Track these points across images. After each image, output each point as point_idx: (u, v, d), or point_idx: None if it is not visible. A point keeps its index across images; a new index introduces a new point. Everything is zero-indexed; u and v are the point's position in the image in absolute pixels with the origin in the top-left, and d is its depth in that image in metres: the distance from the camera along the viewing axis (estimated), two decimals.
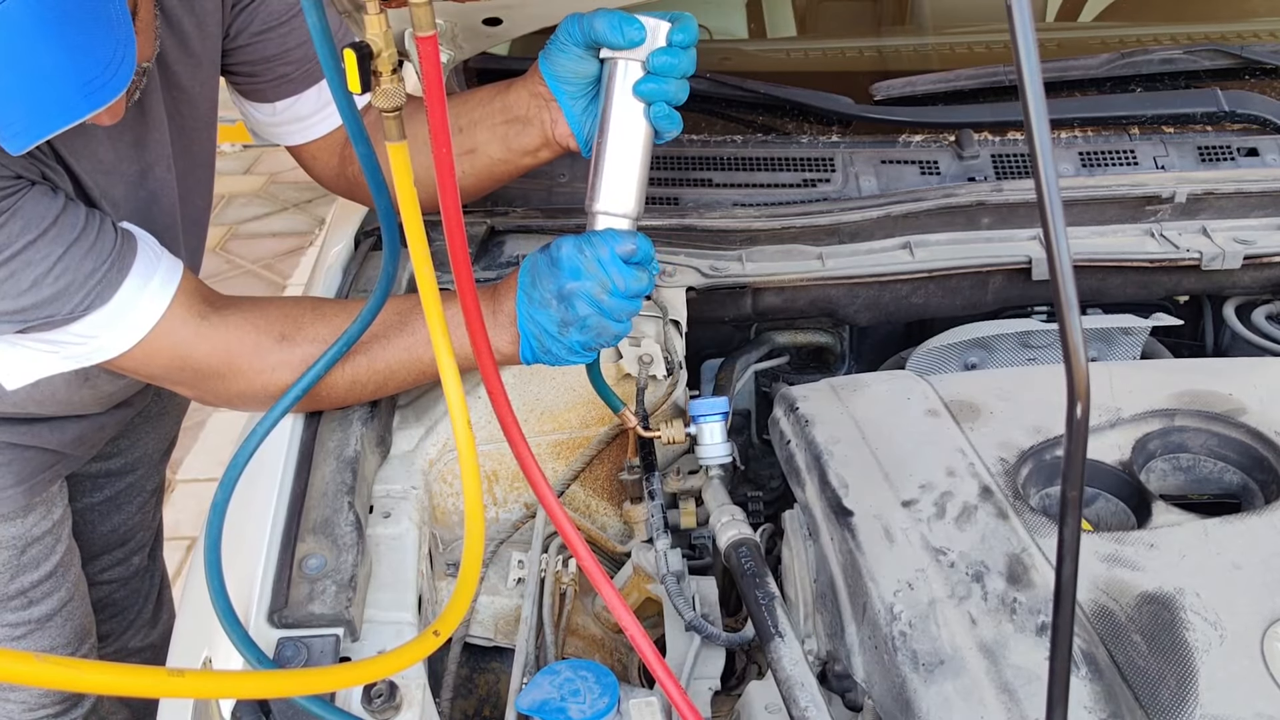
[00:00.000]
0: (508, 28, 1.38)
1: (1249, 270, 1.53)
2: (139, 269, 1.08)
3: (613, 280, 1.10)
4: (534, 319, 1.13)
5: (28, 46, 0.82)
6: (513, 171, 1.31)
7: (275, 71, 1.28)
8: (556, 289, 1.11)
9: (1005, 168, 1.64)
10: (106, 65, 0.88)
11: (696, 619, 1.12)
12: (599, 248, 1.10)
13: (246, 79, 1.31)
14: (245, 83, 1.32)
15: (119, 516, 1.71)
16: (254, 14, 1.25)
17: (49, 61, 0.84)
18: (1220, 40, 1.83)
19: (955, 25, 2.20)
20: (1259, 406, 1.16)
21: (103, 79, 0.88)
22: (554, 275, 1.11)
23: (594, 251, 1.10)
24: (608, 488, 1.48)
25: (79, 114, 0.88)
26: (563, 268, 1.10)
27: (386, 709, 0.93)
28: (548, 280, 1.11)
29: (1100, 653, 0.89)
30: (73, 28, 0.84)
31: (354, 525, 1.08)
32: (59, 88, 0.85)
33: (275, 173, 5.86)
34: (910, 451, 1.13)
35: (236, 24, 1.25)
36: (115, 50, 0.88)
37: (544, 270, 1.12)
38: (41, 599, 1.45)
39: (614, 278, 1.10)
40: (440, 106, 0.83)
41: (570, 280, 1.10)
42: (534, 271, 1.13)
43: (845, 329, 1.65)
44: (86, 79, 0.86)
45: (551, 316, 1.12)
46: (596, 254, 1.10)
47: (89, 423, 1.41)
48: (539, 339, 1.14)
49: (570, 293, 1.10)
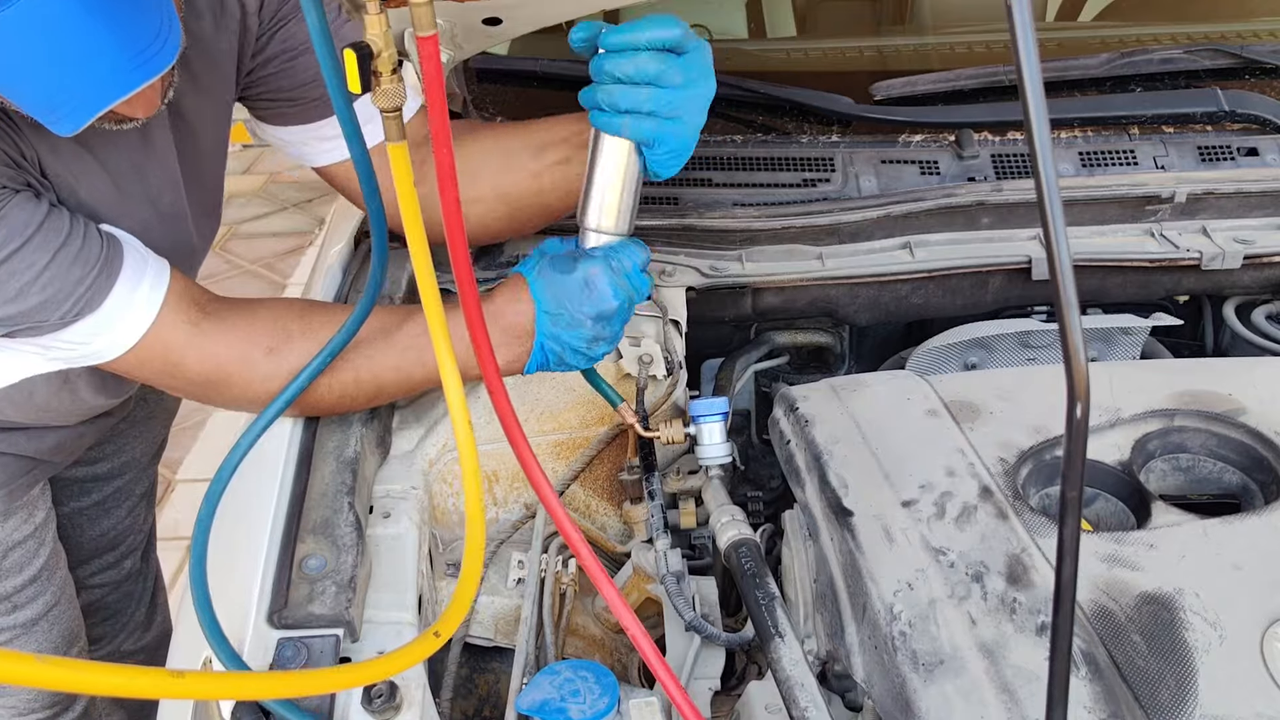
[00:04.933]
0: (508, 28, 1.38)
1: (1249, 270, 1.53)
2: (127, 274, 1.07)
3: (636, 292, 1.16)
4: (559, 339, 1.16)
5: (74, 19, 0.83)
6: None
7: (312, 94, 1.27)
8: (596, 311, 1.14)
9: (1005, 168, 1.64)
10: (155, 35, 0.89)
11: (696, 619, 1.12)
12: (625, 263, 1.15)
13: (282, 104, 1.29)
14: (278, 109, 1.30)
15: (108, 521, 1.70)
16: (286, 38, 1.24)
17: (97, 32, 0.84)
18: (1220, 40, 1.83)
19: (955, 25, 2.20)
20: (1259, 406, 1.16)
21: (152, 49, 0.89)
22: (590, 298, 1.14)
23: (623, 269, 1.15)
24: (608, 488, 1.48)
25: (130, 85, 0.88)
26: (603, 292, 1.13)
27: (387, 709, 0.93)
28: (583, 303, 1.14)
29: (1100, 653, 0.89)
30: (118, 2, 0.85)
31: (354, 526, 1.08)
32: (109, 59, 0.86)
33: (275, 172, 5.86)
34: (910, 451, 1.13)
35: (268, 51, 1.24)
36: (162, 21, 0.90)
37: (574, 292, 1.14)
38: (26, 603, 1.44)
39: (637, 289, 1.16)
40: (441, 106, 0.83)
41: (613, 301, 1.14)
42: (556, 291, 1.14)
43: (845, 329, 1.65)
44: (137, 49, 0.88)
45: (584, 335, 1.15)
46: (625, 270, 1.15)
47: (68, 431, 1.40)
48: (560, 356, 1.18)
49: (611, 313, 1.15)
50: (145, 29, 0.88)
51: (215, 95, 1.23)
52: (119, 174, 1.13)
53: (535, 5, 1.35)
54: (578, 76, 1.70)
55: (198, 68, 1.17)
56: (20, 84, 0.86)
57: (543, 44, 1.93)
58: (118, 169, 1.13)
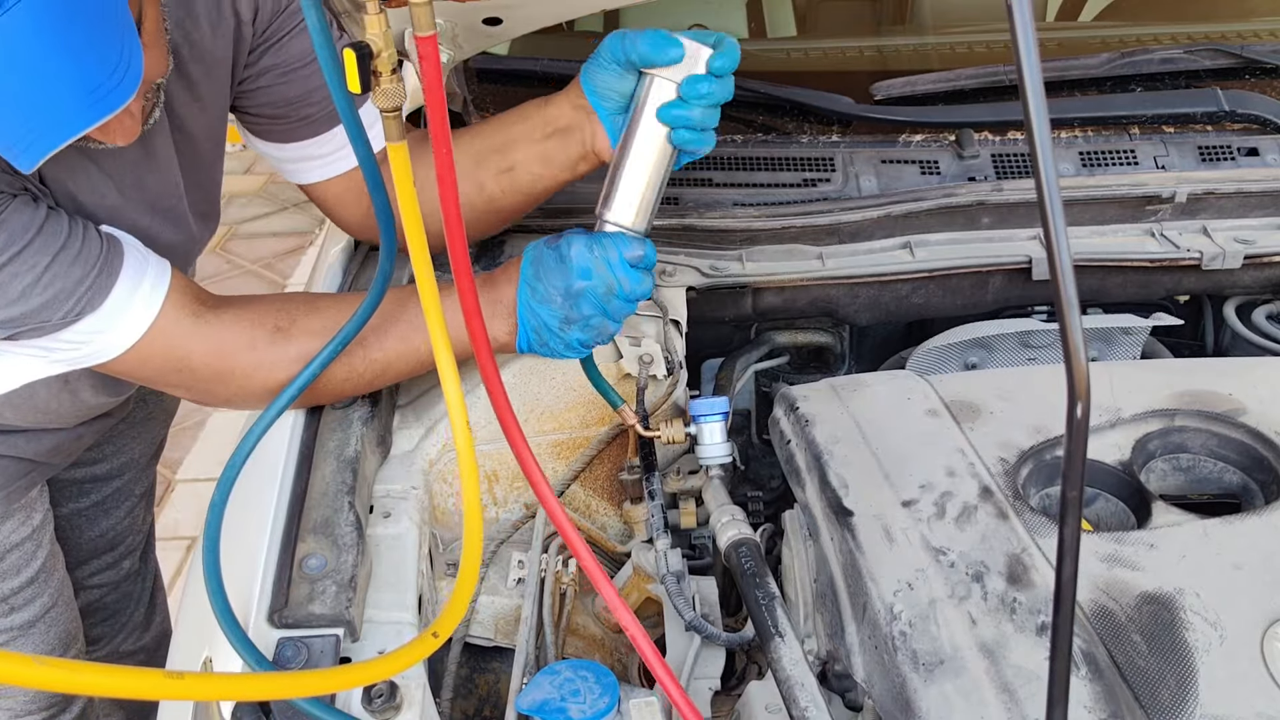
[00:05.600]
0: (508, 27, 1.38)
1: (1249, 270, 1.53)
2: (128, 272, 1.07)
3: (619, 283, 1.12)
4: (535, 313, 1.14)
5: (30, 56, 0.81)
6: (551, 187, 1.29)
7: (300, 113, 1.26)
8: (564, 286, 1.12)
9: (1005, 167, 1.64)
10: (112, 71, 0.86)
11: (696, 619, 1.12)
12: (609, 250, 1.12)
13: (267, 120, 1.29)
14: (264, 124, 1.29)
15: (107, 521, 1.70)
16: (279, 54, 1.23)
17: (52, 69, 0.82)
18: (1220, 40, 1.83)
19: (955, 25, 2.20)
20: (1259, 406, 1.16)
21: (108, 85, 0.86)
22: (562, 272, 1.12)
23: (604, 254, 1.11)
24: (608, 488, 1.48)
25: (86, 122, 0.86)
26: (572, 266, 1.11)
27: (387, 709, 0.93)
28: (555, 276, 1.12)
29: (1100, 653, 0.89)
30: (75, 34, 0.82)
31: (354, 525, 1.08)
32: (64, 96, 0.84)
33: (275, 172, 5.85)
34: (910, 451, 1.13)
35: (260, 64, 1.23)
36: (120, 56, 0.87)
37: (551, 265, 1.13)
38: (23, 605, 1.44)
39: (621, 281, 1.12)
40: (440, 107, 0.83)
41: (579, 279, 1.11)
42: (539, 264, 1.14)
43: (845, 329, 1.65)
44: (92, 85, 0.85)
45: (555, 313, 1.13)
46: (606, 256, 1.11)
47: (67, 434, 1.39)
48: (538, 332, 1.16)
49: (578, 292, 1.12)
50: (103, 65, 0.85)
51: (212, 101, 1.22)
52: (119, 181, 1.13)
53: (535, 5, 1.35)
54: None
55: (195, 74, 1.17)
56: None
57: (543, 44, 1.93)
58: (118, 177, 1.13)
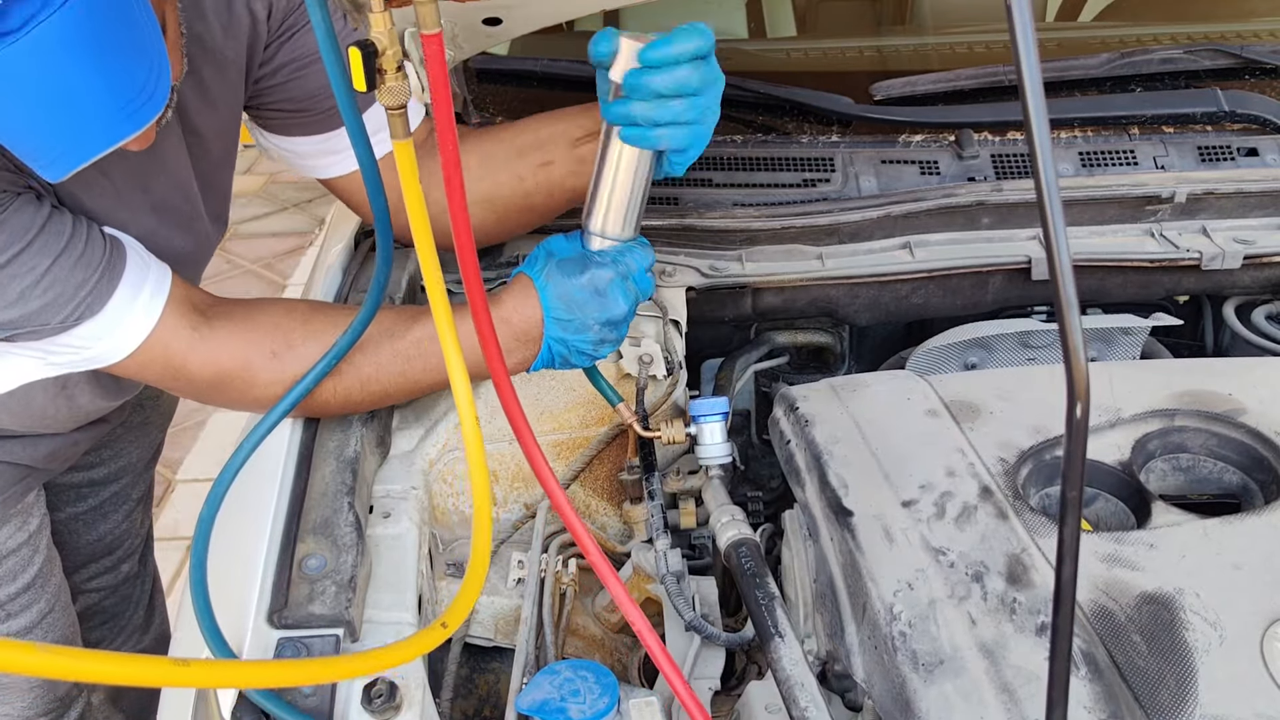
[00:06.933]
0: (508, 28, 1.38)
1: (1249, 270, 1.53)
2: (129, 278, 1.06)
3: (643, 293, 1.19)
4: (567, 342, 1.17)
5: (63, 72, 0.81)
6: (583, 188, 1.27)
7: (323, 105, 1.26)
8: (605, 318, 1.16)
9: (1005, 168, 1.64)
10: (143, 88, 0.86)
11: (696, 619, 1.12)
12: (633, 266, 1.16)
13: (288, 115, 1.28)
14: (285, 119, 1.29)
15: (105, 525, 1.69)
16: (295, 48, 1.23)
17: (85, 87, 0.82)
18: (1220, 40, 1.83)
19: (955, 25, 2.20)
20: (1259, 406, 1.16)
21: (139, 101, 0.86)
22: (601, 305, 1.15)
23: (631, 273, 1.16)
24: (608, 488, 1.48)
25: (118, 137, 0.86)
26: (613, 299, 1.15)
27: (386, 709, 0.93)
28: (592, 309, 1.15)
29: (1100, 653, 0.89)
30: (108, 52, 0.82)
31: (354, 525, 1.08)
32: (96, 110, 0.84)
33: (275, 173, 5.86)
34: (910, 451, 1.13)
35: (277, 60, 1.23)
36: (150, 72, 0.87)
37: (586, 300, 1.15)
38: (20, 611, 1.43)
39: (644, 291, 1.18)
40: (446, 105, 0.83)
41: (622, 306, 1.16)
42: (568, 299, 1.15)
43: (845, 329, 1.65)
44: (124, 102, 0.85)
45: (591, 338, 1.17)
46: (633, 275, 1.16)
47: (63, 439, 1.39)
48: (566, 357, 1.19)
49: (620, 318, 1.16)
50: (134, 81, 0.86)
51: (224, 103, 1.22)
52: (125, 183, 1.13)
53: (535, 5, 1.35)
54: (578, 76, 1.70)
55: (208, 77, 1.17)
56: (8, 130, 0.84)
57: (543, 44, 1.93)
58: (124, 178, 1.12)
